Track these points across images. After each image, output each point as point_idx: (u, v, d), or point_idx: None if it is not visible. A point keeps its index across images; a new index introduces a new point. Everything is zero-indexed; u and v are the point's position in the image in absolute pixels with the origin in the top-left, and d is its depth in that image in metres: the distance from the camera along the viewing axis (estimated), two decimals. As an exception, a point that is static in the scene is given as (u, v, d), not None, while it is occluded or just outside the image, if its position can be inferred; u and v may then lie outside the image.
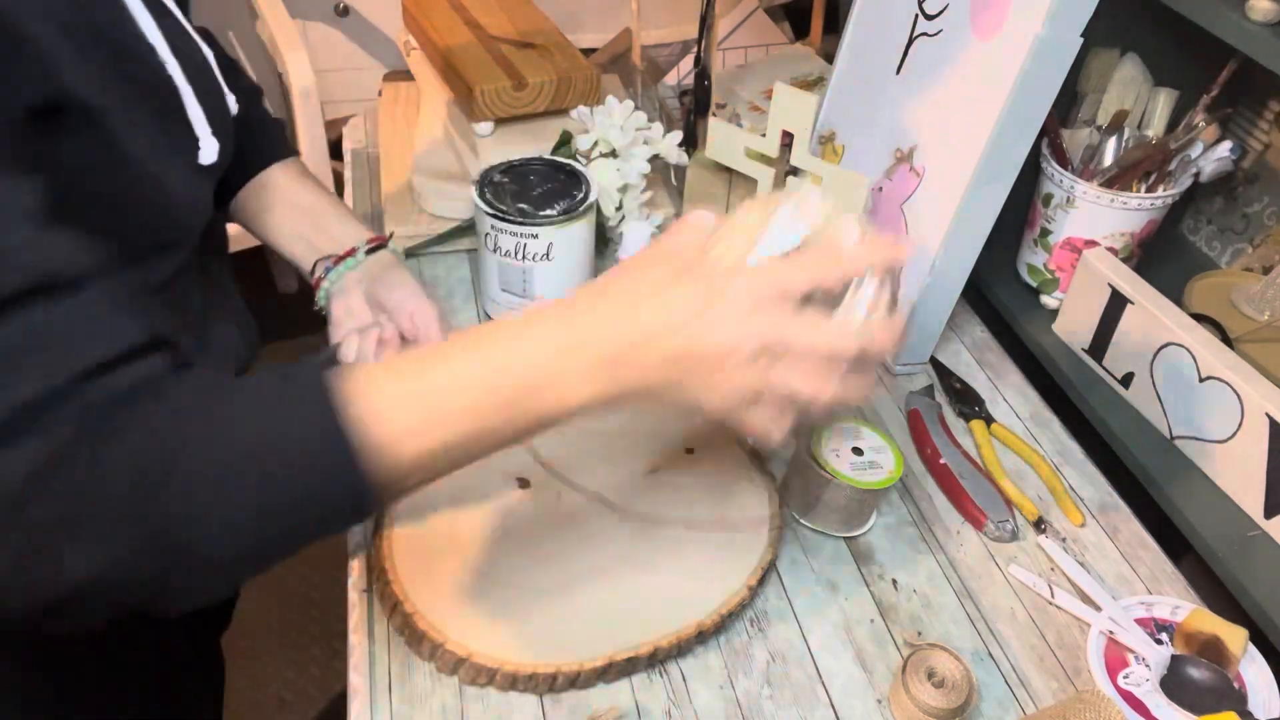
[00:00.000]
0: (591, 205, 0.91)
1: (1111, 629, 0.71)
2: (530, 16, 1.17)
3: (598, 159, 1.00)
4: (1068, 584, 0.76)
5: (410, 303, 0.81)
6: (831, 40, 1.39)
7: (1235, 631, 0.69)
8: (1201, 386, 0.86)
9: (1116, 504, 0.84)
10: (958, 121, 0.86)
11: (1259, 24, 0.80)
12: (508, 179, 0.93)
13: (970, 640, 0.72)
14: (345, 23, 2.12)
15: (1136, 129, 1.03)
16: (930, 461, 0.85)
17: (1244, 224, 1.12)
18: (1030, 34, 0.78)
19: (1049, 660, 0.71)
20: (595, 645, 0.66)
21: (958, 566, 0.78)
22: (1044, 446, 0.89)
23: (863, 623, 0.73)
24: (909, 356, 0.95)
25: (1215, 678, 0.68)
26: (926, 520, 0.81)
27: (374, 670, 0.67)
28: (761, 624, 0.72)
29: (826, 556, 0.77)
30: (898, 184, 0.93)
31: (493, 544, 0.72)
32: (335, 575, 0.77)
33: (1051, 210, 1.03)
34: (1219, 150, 0.99)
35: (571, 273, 0.92)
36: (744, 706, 0.67)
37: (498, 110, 1.04)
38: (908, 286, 0.92)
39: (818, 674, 0.69)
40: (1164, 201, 0.99)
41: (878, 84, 0.97)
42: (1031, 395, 0.95)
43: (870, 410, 0.91)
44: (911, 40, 0.92)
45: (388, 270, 0.82)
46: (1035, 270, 1.08)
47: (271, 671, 1.64)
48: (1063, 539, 0.80)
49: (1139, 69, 1.03)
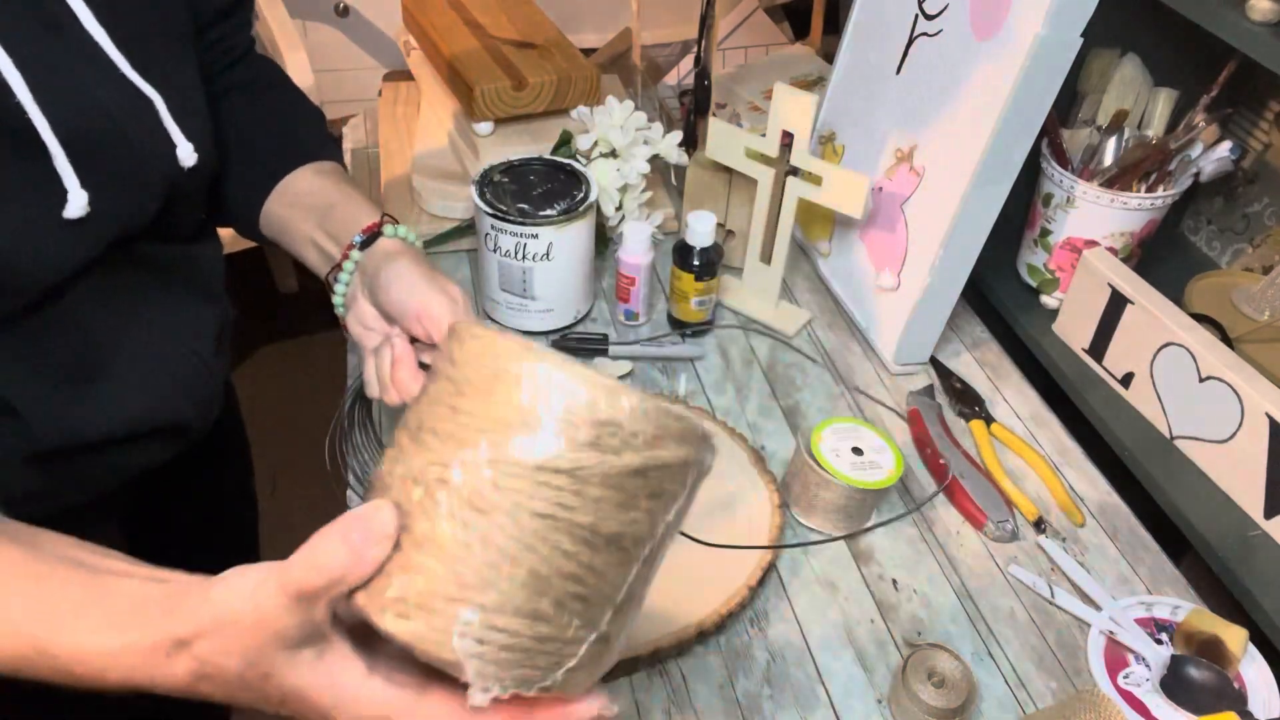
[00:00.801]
0: (591, 205, 0.91)
1: (1111, 629, 0.71)
2: (530, 16, 1.17)
3: (598, 159, 1.00)
4: (1068, 584, 0.76)
5: (411, 301, 0.65)
6: (831, 40, 1.39)
7: (1235, 631, 0.69)
8: (1201, 386, 0.86)
9: (1116, 504, 0.84)
10: (958, 121, 0.86)
11: (1259, 24, 0.80)
12: (508, 179, 0.93)
13: (970, 640, 0.72)
14: (345, 23, 2.12)
15: (1136, 129, 1.03)
16: (930, 461, 0.85)
17: (1244, 224, 1.12)
18: (1030, 34, 0.78)
19: (1049, 660, 0.71)
20: (595, 645, 0.66)
21: (958, 566, 0.78)
22: (1044, 446, 0.89)
23: (863, 623, 0.73)
24: (909, 356, 0.95)
25: (1215, 678, 0.68)
26: (926, 520, 0.81)
27: (374, 670, 0.67)
28: (761, 624, 0.72)
29: (826, 556, 0.77)
30: (898, 184, 0.93)
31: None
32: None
33: (1051, 210, 1.03)
34: (1219, 150, 0.99)
35: (571, 273, 0.92)
36: (744, 706, 0.67)
37: (498, 110, 1.04)
38: (909, 286, 0.92)
39: (818, 674, 0.69)
40: (1164, 201, 0.99)
41: (878, 84, 0.97)
42: (1031, 395, 0.95)
43: (870, 410, 0.91)
44: (911, 40, 0.92)
45: (384, 266, 0.67)
46: (1035, 270, 1.08)
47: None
48: (1063, 539, 0.80)
49: (1139, 69, 1.03)
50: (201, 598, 0.41)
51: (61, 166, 0.55)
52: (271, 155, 0.75)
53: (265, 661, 0.41)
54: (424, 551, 0.40)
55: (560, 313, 0.95)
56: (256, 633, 0.41)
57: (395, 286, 0.66)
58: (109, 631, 0.42)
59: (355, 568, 0.40)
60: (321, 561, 0.40)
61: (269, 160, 0.75)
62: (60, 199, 0.55)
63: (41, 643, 0.43)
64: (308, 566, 0.40)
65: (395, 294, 0.66)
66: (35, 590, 0.44)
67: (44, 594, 0.44)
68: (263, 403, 2.06)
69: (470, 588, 0.39)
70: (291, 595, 0.40)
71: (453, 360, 0.42)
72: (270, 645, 0.41)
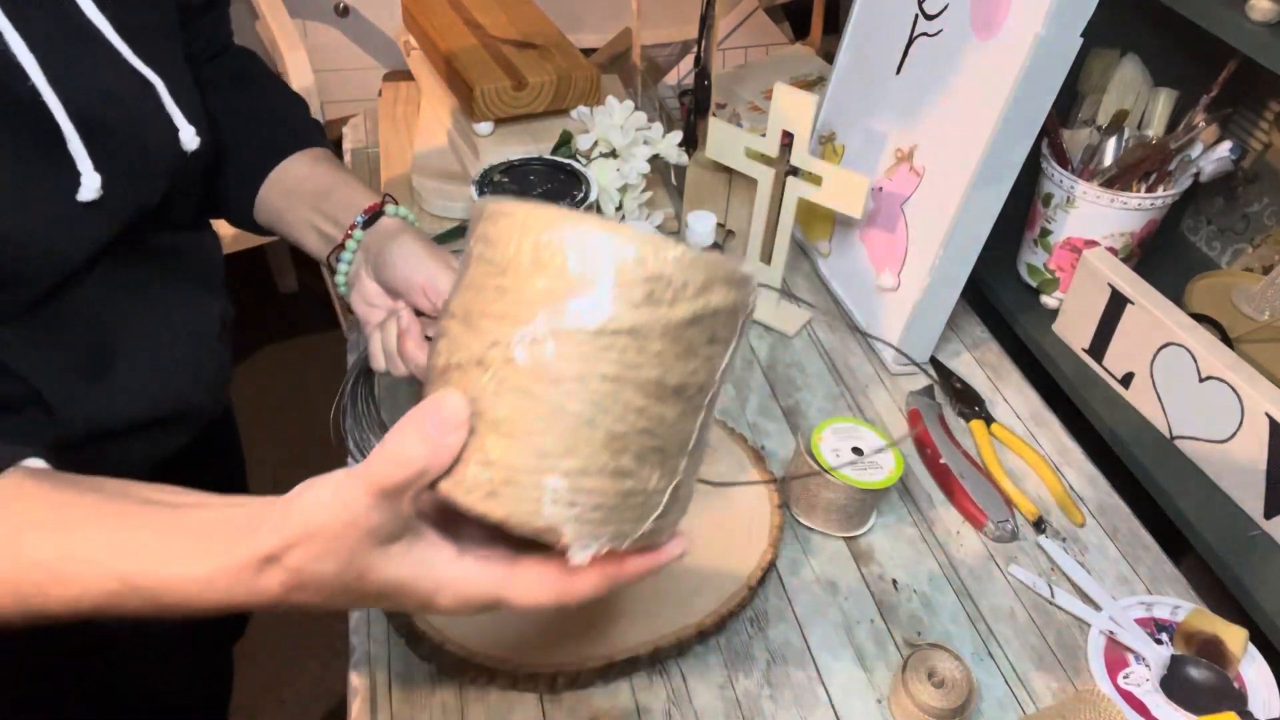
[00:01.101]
0: (591, 205, 0.91)
1: (1111, 629, 0.71)
2: (530, 16, 1.17)
3: (598, 159, 1.00)
4: (1068, 584, 0.76)
5: (417, 276, 0.68)
6: (831, 40, 1.39)
7: (1235, 631, 0.69)
8: (1201, 386, 0.86)
9: (1116, 504, 0.84)
10: (958, 121, 0.86)
11: (1259, 24, 0.80)
12: (508, 179, 0.93)
13: (970, 640, 0.72)
14: (345, 23, 2.11)
15: (1136, 129, 1.03)
16: (930, 461, 0.85)
17: (1244, 224, 1.12)
18: (1030, 34, 0.78)
19: (1049, 660, 0.71)
20: (595, 645, 0.66)
21: (958, 566, 0.78)
22: (1044, 446, 0.89)
23: (863, 623, 0.73)
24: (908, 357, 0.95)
25: (1215, 678, 0.68)
26: (926, 520, 0.81)
27: (374, 670, 0.67)
28: (761, 624, 0.72)
29: (826, 556, 0.77)
30: (898, 184, 0.93)
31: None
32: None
33: (1051, 210, 1.03)
34: (1219, 150, 0.99)
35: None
36: (744, 706, 0.67)
37: (498, 110, 1.04)
38: (909, 286, 0.92)
39: (818, 674, 0.69)
40: (1164, 201, 0.99)
41: (878, 84, 0.97)
42: (1031, 395, 0.95)
43: (870, 410, 0.91)
44: (911, 40, 0.92)
45: (388, 243, 0.71)
46: (1035, 270, 1.08)
47: (271, 672, 1.64)
48: (1063, 539, 0.80)
49: (1139, 69, 1.03)
50: (283, 513, 0.42)
51: (75, 150, 0.55)
52: (262, 144, 0.76)
53: (359, 561, 0.43)
54: (500, 430, 0.41)
55: (560, 313, 0.95)
56: (348, 534, 0.42)
57: (401, 262, 0.69)
58: (194, 558, 0.43)
59: (435, 458, 0.41)
60: (402, 456, 0.41)
61: (260, 149, 0.76)
62: (74, 183, 0.56)
63: (130, 577, 0.44)
64: (389, 463, 0.41)
65: (401, 269, 0.69)
66: (115, 528, 0.45)
67: (124, 531, 0.45)
68: (263, 403, 2.06)
69: (552, 456, 0.41)
70: (376, 493, 0.41)
71: (488, 241, 0.43)
72: (363, 544, 0.42)
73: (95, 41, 0.58)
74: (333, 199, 0.74)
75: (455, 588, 0.45)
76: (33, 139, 0.54)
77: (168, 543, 0.44)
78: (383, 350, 0.70)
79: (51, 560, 0.44)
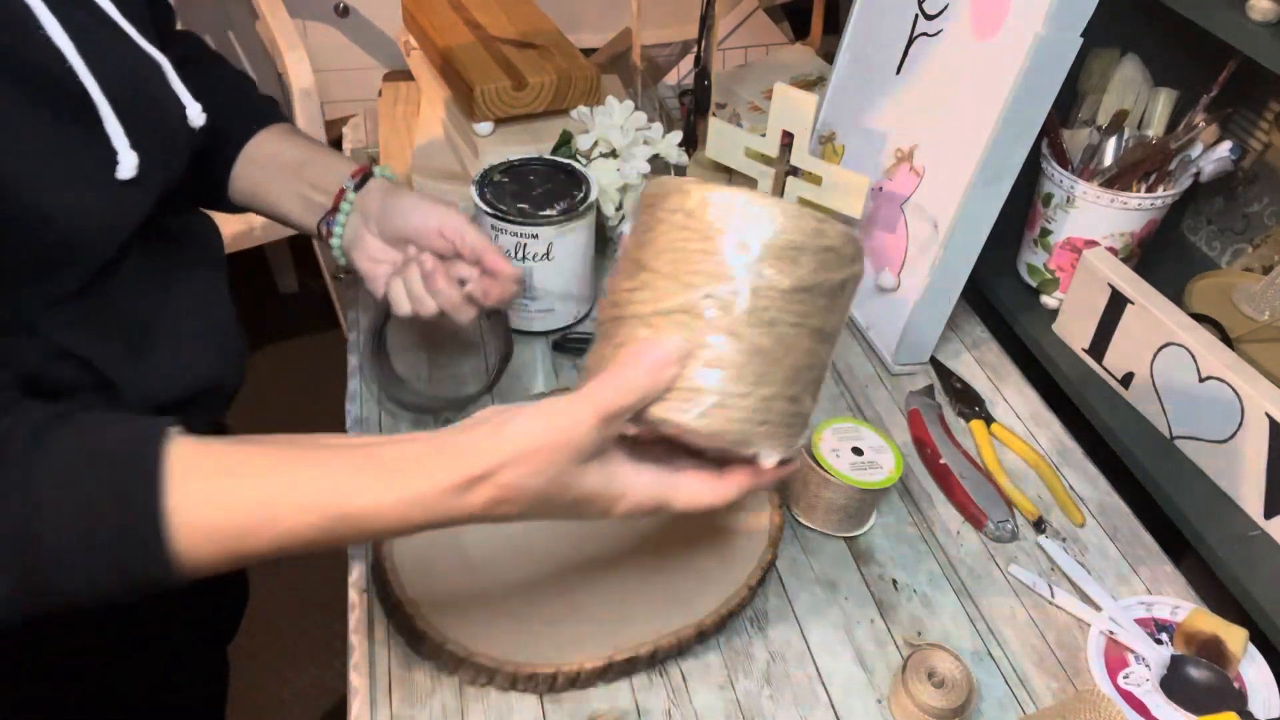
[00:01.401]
0: (591, 205, 0.91)
1: (1111, 629, 0.71)
2: (530, 16, 1.17)
3: (598, 159, 1.00)
4: (1068, 584, 0.76)
5: (432, 220, 0.74)
6: (831, 40, 1.39)
7: (1235, 631, 0.69)
8: (1201, 386, 0.86)
9: (1116, 504, 0.84)
10: (958, 121, 0.86)
11: (1259, 24, 0.80)
12: (508, 179, 0.93)
13: (970, 640, 0.72)
14: (345, 23, 2.11)
15: (1136, 129, 1.03)
16: (930, 461, 0.85)
17: (1244, 224, 1.12)
18: (1030, 34, 0.78)
19: (1049, 660, 0.71)
20: (595, 645, 0.66)
21: (958, 566, 0.78)
22: (1044, 446, 0.89)
23: (863, 623, 0.73)
24: (909, 356, 0.95)
25: (1215, 678, 0.68)
26: (926, 520, 0.81)
27: (374, 670, 0.67)
28: (761, 624, 0.72)
29: (826, 556, 0.77)
30: (898, 184, 0.93)
31: (493, 544, 0.72)
32: (336, 575, 0.76)
33: (1051, 210, 1.03)
34: (1219, 150, 0.99)
35: (571, 272, 0.92)
36: (744, 706, 0.67)
37: (498, 110, 1.04)
38: (909, 286, 0.92)
39: (818, 674, 0.69)
40: (1164, 201, 0.99)
41: (878, 84, 0.97)
42: (1031, 395, 0.95)
43: (870, 410, 0.91)
44: (911, 40, 0.92)
45: (389, 199, 0.76)
46: (1035, 270, 1.08)
47: (271, 671, 1.64)
48: (1063, 539, 0.80)
49: (1139, 69, 1.03)
50: (494, 439, 0.49)
51: (112, 129, 0.57)
52: (228, 124, 0.77)
53: (564, 475, 0.50)
54: (709, 365, 0.51)
55: (560, 313, 0.95)
56: (563, 452, 0.49)
57: (411, 211, 0.75)
58: (400, 484, 0.49)
59: (655, 387, 0.50)
60: (626, 385, 0.50)
61: (226, 130, 0.77)
62: (111, 162, 0.57)
63: (343, 509, 0.49)
64: (615, 390, 0.50)
65: (414, 218, 0.75)
66: (316, 468, 0.49)
67: (326, 470, 0.49)
68: (263, 403, 2.06)
69: (751, 383, 0.51)
70: (602, 416, 0.49)
71: (689, 213, 0.52)
72: (572, 461, 0.50)
73: (110, 24, 0.60)
74: (313, 168, 0.78)
75: (634, 495, 0.53)
76: (74, 120, 0.56)
77: (371, 477, 0.49)
78: (405, 296, 0.75)
79: (256, 504, 0.48)
